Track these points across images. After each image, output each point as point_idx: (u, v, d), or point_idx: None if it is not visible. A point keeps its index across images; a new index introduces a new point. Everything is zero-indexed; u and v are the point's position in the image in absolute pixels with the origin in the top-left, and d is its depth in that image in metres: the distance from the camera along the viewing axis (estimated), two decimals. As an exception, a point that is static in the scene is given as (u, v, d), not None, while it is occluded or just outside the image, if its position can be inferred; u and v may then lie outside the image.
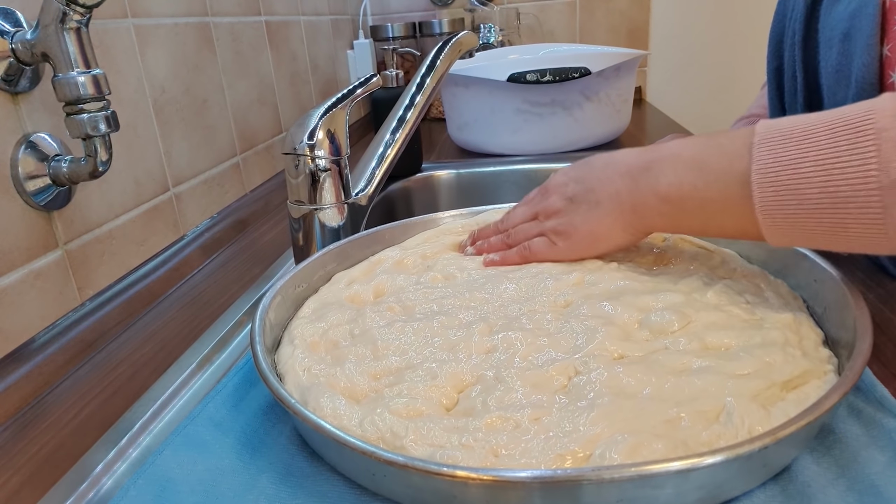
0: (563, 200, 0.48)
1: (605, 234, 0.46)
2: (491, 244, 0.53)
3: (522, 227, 0.51)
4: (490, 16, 1.49)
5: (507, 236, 0.52)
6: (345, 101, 0.56)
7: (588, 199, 0.46)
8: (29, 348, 0.47)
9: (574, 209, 0.47)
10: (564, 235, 0.48)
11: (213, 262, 0.70)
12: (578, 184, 0.47)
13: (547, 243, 0.49)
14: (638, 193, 0.43)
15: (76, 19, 0.44)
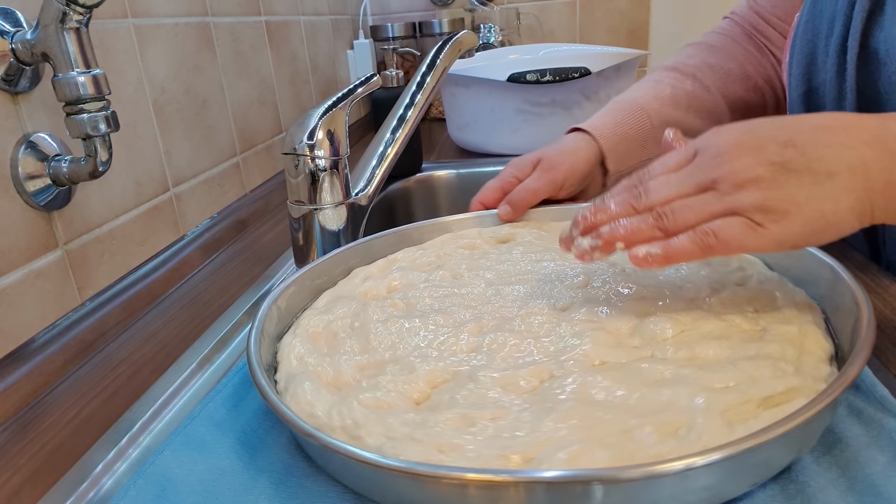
0: (764, 166, 0.34)
1: (840, 217, 0.33)
2: (632, 229, 0.37)
3: (688, 203, 0.35)
4: (490, 16, 1.49)
5: (660, 218, 0.36)
6: (344, 100, 0.56)
7: (812, 169, 0.33)
8: (29, 348, 0.47)
9: (790, 180, 0.33)
10: (778, 214, 0.33)
11: (213, 262, 0.70)
12: (788, 147, 0.34)
13: (747, 227, 0.34)
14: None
15: (76, 19, 0.44)
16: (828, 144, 0.34)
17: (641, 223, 0.36)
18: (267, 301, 0.43)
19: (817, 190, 0.33)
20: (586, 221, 0.39)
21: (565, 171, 0.61)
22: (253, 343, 0.39)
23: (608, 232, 0.37)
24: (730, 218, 0.34)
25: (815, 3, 0.56)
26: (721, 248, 0.34)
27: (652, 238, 0.36)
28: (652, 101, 0.67)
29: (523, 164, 0.63)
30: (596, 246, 0.37)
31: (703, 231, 0.34)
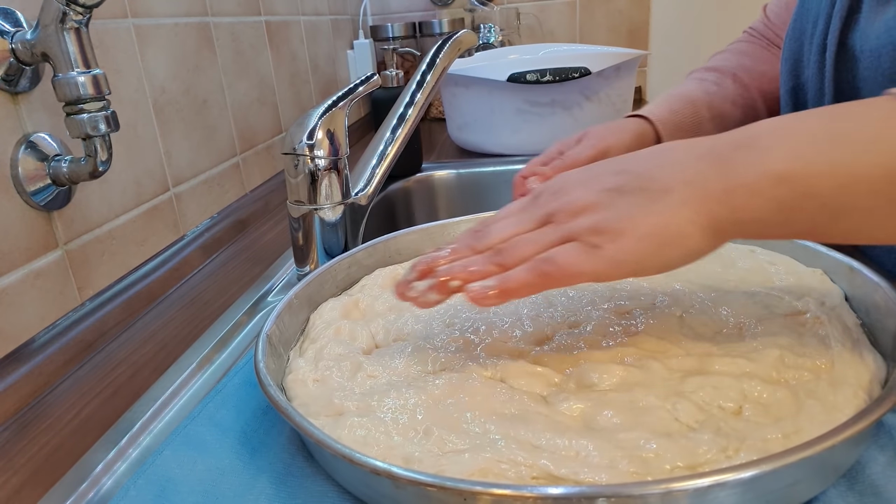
0: (598, 192, 0.33)
1: (680, 231, 0.31)
2: (469, 268, 0.35)
3: (527, 237, 0.35)
4: (490, 16, 1.49)
5: (498, 254, 0.35)
6: (344, 100, 0.56)
7: (647, 188, 0.32)
8: (29, 348, 0.47)
9: (624, 200, 0.33)
10: (613, 234, 0.32)
11: (213, 262, 0.70)
12: (621, 174, 0.34)
13: (582, 250, 0.32)
14: (736, 176, 0.31)
15: (76, 19, 0.44)
16: (661, 165, 0.33)
17: (478, 261, 0.35)
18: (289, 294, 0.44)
19: (652, 206, 0.32)
20: (425, 265, 0.37)
21: (612, 142, 0.62)
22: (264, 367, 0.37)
23: (445, 271, 0.35)
24: (566, 244, 0.33)
25: (803, 3, 0.58)
26: (558, 273, 0.32)
27: (489, 274, 0.34)
28: (702, 95, 0.68)
29: (568, 140, 0.65)
30: (432, 286, 0.35)
31: (540, 259, 0.33)
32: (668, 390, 0.34)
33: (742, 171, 0.31)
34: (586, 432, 0.31)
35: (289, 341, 0.44)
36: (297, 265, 0.60)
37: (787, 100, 0.62)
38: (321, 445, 0.30)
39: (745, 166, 0.31)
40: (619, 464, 0.29)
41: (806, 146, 0.30)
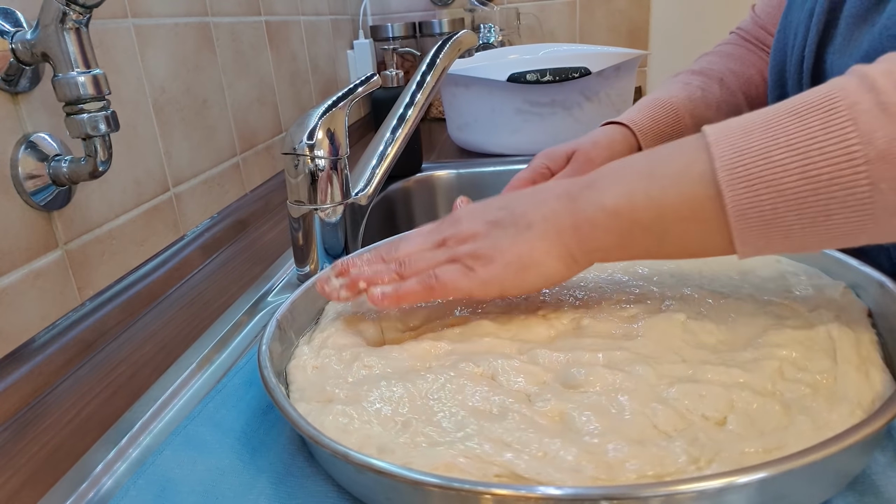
0: (482, 224, 0.41)
1: (537, 260, 0.38)
2: (375, 274, 0.42)
3: (422, 255, 0.42)
4: (490, 16, 1.49)
5: (400, 265, 0.42)
6: (344, 100, 0.56)
7: (516, 223, 0.39)
8: (29, 348, 0.47)
9: (498, 232, 0.40)
10: (485, 260, 0.39)
11: (213, 262, 0.70)
12: (502, 210, 0.41)
13: (461, 271, 0.39)
14: (579, 212, 0.37)
15: (76, 19, 0.44)
16: (530, 203, 0.40)
17: (384, 269, 0.42)
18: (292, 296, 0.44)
19: (518, 238, 0.39)
20: (343, 266, 0.44)
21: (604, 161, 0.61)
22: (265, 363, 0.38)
23: (355, 274, 0.43)
24: (450, 265, 0.40)
25: (787, 14, 0.59)
26: (440, 287, 0.40)
27: (391, 281, 0.41)
28: (686, 101, 0.68)
29: (556, 155, 0.64)
30: (344, 284, 0.42)
31: (428, 274, 0.40)
32: (653, 396, 0.33)
33: (584, 207, 0.37)
34: (561, 433, 0.31)
35: (302, 328, 0.45)
36: (297, 265, 0.60)
37: None
38: (295, 426, 0.32)
39: (587, 204, 0.37)
40: (585, 468, 0.29)
41: (632, 184, 0.36)
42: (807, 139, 0.30)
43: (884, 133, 0.29)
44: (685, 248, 0.36)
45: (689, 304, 0.42)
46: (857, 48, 0.47)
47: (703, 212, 0.33)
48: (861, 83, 0.30)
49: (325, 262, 0.59)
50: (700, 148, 0.33)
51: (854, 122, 0.29)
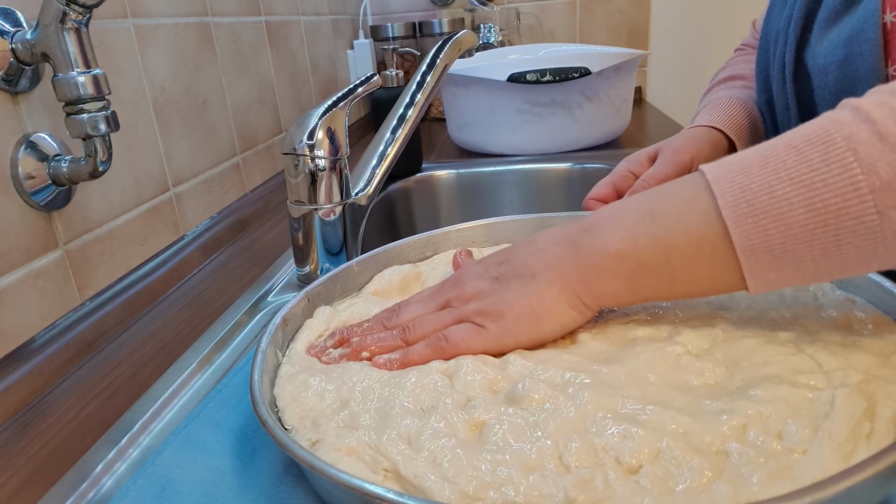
0: (484, 281, 0.40)
1: (548, 308, 0.38)
2: (379, 341, 0.40)
3: (427, 318, 0.41)
4: (490, 16, 1.49)
5: (404, 331, 0.40)
6: (344, 100, 0.56)
7: (520, 274, 0.39)
8: (29, 348, 0.47)
9: (503, 287, 0.39)
10: (494, 315, 0.38)
11: (213, 262, 0.70)
12: (502, 264, 0.40)
13: (472, 329, 0.38)
14: (583, 257, 0.37)
15: (76, 19, 0.44)
16: (530, 253, 0.39)
17: (387, 336, 0.41)
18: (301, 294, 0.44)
19: (524, 289, 0.38)
20: (341, 335, 0.42)
21: (692, 153, 0.62)
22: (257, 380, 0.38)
23: (357, 342, 0.41)
24: (459, 325, 0.39)
25: (767, 19, 0.60)
26: (451, 348, 0.38)
27: (395, 348, 0.40)
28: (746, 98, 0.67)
29: (639, 157, 0.64)
30: (344, 354, 0.40)
31: (437, 336, 0.39)
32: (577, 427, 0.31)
33: (587, 253, 0.37)
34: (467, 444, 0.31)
35: (334, 299, 0.48)
36: (297, 265, 0.60)
37: (764, 111, 0.63)
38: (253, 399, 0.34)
39: (590, 249, 0.37)
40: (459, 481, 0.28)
41: (634, 226, 0.36)
42: (808, 172, 0.30)
43: (885, 162, 0.29)
44: (695, 287, 0.35)
45: (702, 337, 0.38)
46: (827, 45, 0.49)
47: (710, 249, 0.33)
48: (855, 115, 0.31)
49: (325, 262, 0.59)
50: (700, 186, 0.33)
51: (854, 152, 0.30)
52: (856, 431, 0.29)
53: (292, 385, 0.37)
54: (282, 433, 0.31)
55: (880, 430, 0.29)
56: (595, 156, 1.03)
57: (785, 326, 0.38)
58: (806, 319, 0.39)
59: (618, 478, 0.28)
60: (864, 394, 0.31)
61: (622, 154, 1.03)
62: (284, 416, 0.35)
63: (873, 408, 0.30)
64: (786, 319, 0.39)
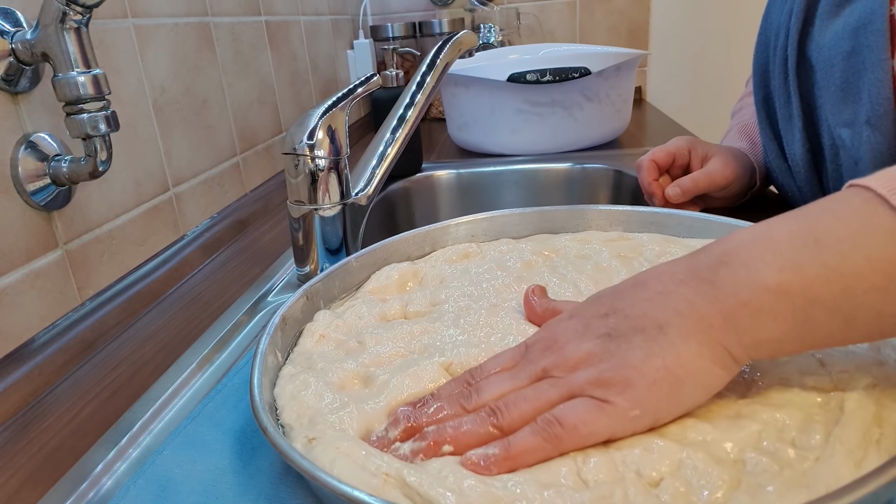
0: (592, 341, 0.32)
1: (690, 369, 0.29)
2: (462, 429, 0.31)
3: (523, 394, 0.32)
4: (490, 16, 1.49)
5: (494, 414, 0.31)
6: (344, 100, 0.56)
7: (641, 327, 0.31)
8: (29, 348, 0.47)
9: (621, 346, 0.31)
10: (620, 385, 0.30)
11: (213, 262, 0.70)
12: (609, 316, 0.32)
13: (592, 406, 0.30)
14: (728, 297, 0.29)
15: (76, 19, 0.44)
16: (646, 298, 0.32)
17: (473, 421, 0.31)
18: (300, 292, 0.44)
19: (653, 347, 0.30)
20: (408, 422, 0.33)
21: (738, 173, 0.66)
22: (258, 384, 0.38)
23: (435, 432, 0.31)
24: (571, 401, 0.30)
25: (767, 16, 0.61)
26: (570, 435, 0.29)
27: (487, 438, 0.31)
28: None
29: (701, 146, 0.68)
30: (419, 450, 0.31)
31: (546, 420, 0.30)
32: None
33: (735, 290, 0.29)
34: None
35: (333, 297, 0.49)
36: (297, 265, 0.60)
37: (760, 108, 0.64)
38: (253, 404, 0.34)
39: (735, 285, 0.29)
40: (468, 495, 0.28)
41: (792, 253, 0.28)
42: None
43: None
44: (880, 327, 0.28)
45: None
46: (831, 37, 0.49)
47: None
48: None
49: (325, 262, 0.59)
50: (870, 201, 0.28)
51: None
52: (866, 437, 0.28)
53: (292, 385, 0.37)
54: (283, 441, 0.30)
55: (889, 436, 0.28)
56: (595, 156, 1.03)
57: None
58: None
59: (637, 492, 0.27)
60: (873, 398, 0.30)
61: (622, 154, 1.03)
62: (283, 415, 0.35)
63: (880, 412, 0.30)
64: None
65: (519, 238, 0.56)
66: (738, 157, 0.67)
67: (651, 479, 0.28)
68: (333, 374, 0.38)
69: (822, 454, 0.28)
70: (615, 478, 0.28)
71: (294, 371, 0.39)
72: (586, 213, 0.56)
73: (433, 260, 0.53)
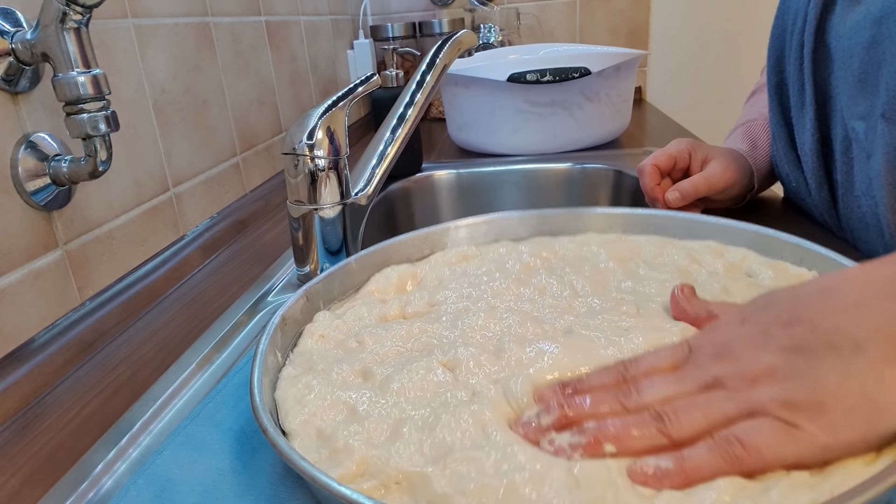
0: (774, 353, 0.29)
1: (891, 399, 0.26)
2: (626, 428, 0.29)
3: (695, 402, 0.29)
4: (490, 16, 1.49)
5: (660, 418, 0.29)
6: (344, 100, 0.56)
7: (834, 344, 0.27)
8: (29, 348, 0.47)
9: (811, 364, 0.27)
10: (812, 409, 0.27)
11: (213, 262, 0.70)
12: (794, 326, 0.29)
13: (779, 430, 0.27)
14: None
15: (76, 19, 0.44)
16: (838, 309, 0.28)
17: (637, 423, 0.29)
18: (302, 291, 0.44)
19: (849, 368, 0.27)
20: (562, 411, 0.30)
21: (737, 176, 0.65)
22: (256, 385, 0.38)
23: (596, 429, 0.29)
24: (753, 420, 0.27)
25: (784, 1, 0.60)
26: (753, 458, 0.27)
27: (654, 445, 0.28)
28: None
29: (700, 149, 0.67)
30: (578, 444, 0.29)
31: (726, 439, 0.27)
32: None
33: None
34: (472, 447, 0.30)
35: (333, 298, 0.49)
36: (297, 265, 0.60)
37: (773, 95, 0.63)
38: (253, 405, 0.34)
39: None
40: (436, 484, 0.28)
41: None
42: None
43: None
44: None
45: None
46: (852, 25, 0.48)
47: None
48: None
49: (325, 262, 0.59)
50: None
51: None
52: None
53: (295, 388, 0.36)
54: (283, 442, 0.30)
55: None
56: (595, 156, 1.03)
57: None
58: None
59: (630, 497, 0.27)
60: None
61: (622, 154, 1.03)
62: (286, 420, 0.35)
63: None
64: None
65: (518, 240, 0.56)
66: (737, 159, 0.67)
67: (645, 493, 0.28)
68: (334, 374, 0.38)
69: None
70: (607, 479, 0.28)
71: (295, 373, 0.39)
72: (585, 216, 0.56)
73: (432, 262, 0.54)
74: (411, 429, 0.32)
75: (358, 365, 0.39)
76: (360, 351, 0.41)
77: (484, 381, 0.35)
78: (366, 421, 0.33)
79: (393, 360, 0.39)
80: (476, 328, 0.41)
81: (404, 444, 0.31)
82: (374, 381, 0.37)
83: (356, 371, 0.38)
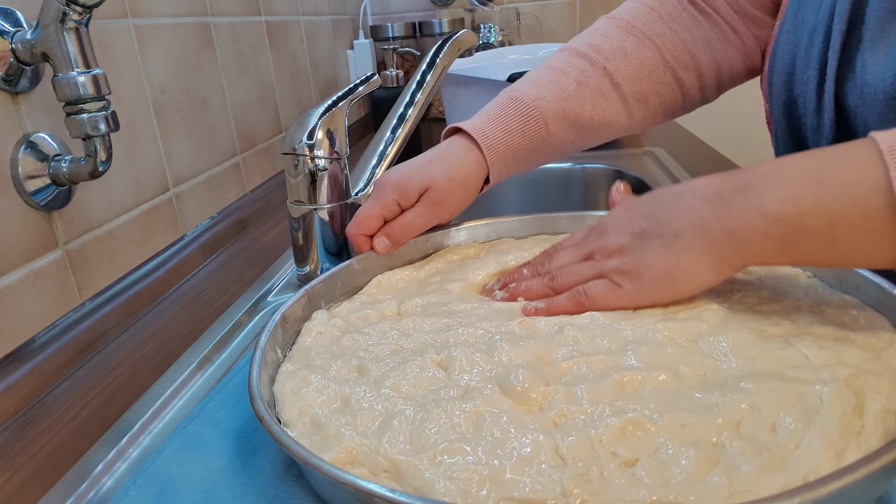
0: (627, 236, 0.41)
1: (686, 271, 0.38)
2: (530, 288, 0.45)
3: (572, 268, 0.43)
4: (490, 16, 1.49)
5: (552, 279, 0.44)
6: (344, 100, 0.56)
7: (662, 233, 0.39)
8: (29, 348, 0.47)
9: (643, 245, 0.39)
10: (632, 275, 0.40)
11: (213, 262, 0.70)
12: (647, 218, 0.40)
13: (609, 287, 0.41)
14: (734, 217, 0.36)
15: (76, 19, 0.44)
16: (676, 209, 0.39)
17: (539, 284, 0.45)
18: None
19: (664, 251, 0.38)
20: (506, 279, 0.48)
21: (454, 207, 0.56)
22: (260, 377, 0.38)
23: (514, 289, 0.46)
24: (598, 280, 0.41)
25: (797, 14, 0.53)
26: (590, 304, 0.41)
27: (544, 295, 0.44)
28: (552, 103, 0.59)
29: (408, 191, 0.54)
30: (505, 297, 0.46)
31: (577, 290, 0.42)
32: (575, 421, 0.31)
33: (740, 212, 0.36)
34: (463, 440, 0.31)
35: (334, 298, 0.49)
36: (297, 265, 0.60)
37: (780, 114, 0.56)
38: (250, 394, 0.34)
39: (743, 208, 0.35)
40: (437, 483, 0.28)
41: (797, 189, 0.34)
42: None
43: None
44: (851, 259, 0.35)
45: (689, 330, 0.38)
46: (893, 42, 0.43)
47: (877, 222, 0.32)
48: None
49: (325, 262, 0.59)
50: (873, 153, 0.32)
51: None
52: (847, 429, 0.29)
53: (292, 381, 0.37)
54: (279, 430, 0.31)
55: (869, 426, 0.29)
56: (595, 156, 1.03)
57: (776, 321, 0.38)
58: (798, 314, 0.39)
59: (613, 471, 0.28)
60: (853, 388, 0.31)
61: (622, 154, 1.03)
62: (283, 411, 0.35)
63: (862, 402, 0.30)
64: (777, 313, 0.39)
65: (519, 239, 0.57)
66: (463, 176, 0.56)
67: (627, 459, 0.29)
68: (331, 369, 0.38)
69: (802, 442, 0.28)
70: (592, 455, 0.29)
71: (293, 368, 0.39)
72: (586, 219, 0.56)
73: (433, 262, 0.54)
74: (402, 421, 0.32)
75: (354, 361, 0.39)
76: (357, 348, 0.41)
77: (476, 378, 0.36)
78: (358, 412, 0.34)
79: (388, 357, 0.39)
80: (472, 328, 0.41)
81: (394, 435, 0.32)
82: (369, 376, 0.37)
83: (352, 367, 0.38)
